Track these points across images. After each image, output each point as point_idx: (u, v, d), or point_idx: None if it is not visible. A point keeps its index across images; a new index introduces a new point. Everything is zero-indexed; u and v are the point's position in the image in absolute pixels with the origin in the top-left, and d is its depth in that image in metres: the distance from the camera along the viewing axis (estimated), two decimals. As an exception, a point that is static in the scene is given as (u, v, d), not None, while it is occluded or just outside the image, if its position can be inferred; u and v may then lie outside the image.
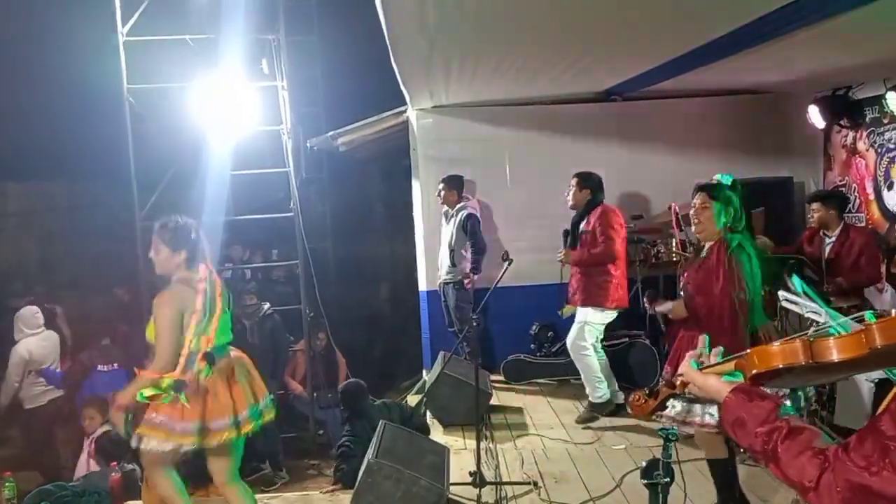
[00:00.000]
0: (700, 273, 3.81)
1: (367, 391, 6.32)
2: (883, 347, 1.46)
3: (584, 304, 5.79)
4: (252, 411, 3.69)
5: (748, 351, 1.71)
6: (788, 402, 3.56)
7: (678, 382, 1.93)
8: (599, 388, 5.84)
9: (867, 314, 1.55)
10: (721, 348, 1.88)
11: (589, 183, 5.86)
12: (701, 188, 3.86)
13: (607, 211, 5.80)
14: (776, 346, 1.64)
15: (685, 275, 3.96)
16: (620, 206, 7.27)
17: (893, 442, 1.37)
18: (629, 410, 3.78)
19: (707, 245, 3.86)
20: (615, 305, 5.75)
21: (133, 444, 3.56)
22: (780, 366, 1.62)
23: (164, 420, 3.49)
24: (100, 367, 6.95)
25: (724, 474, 3.86)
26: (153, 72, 7.59)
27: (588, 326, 5.78)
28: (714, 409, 3.57)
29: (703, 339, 1.94)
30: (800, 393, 3.60)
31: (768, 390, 1.72)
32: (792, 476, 1.52)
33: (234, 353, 3.85)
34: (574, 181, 5.91)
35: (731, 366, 1.76)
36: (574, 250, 5.82)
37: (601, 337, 5.91)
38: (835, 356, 1.54)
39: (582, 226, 5.83)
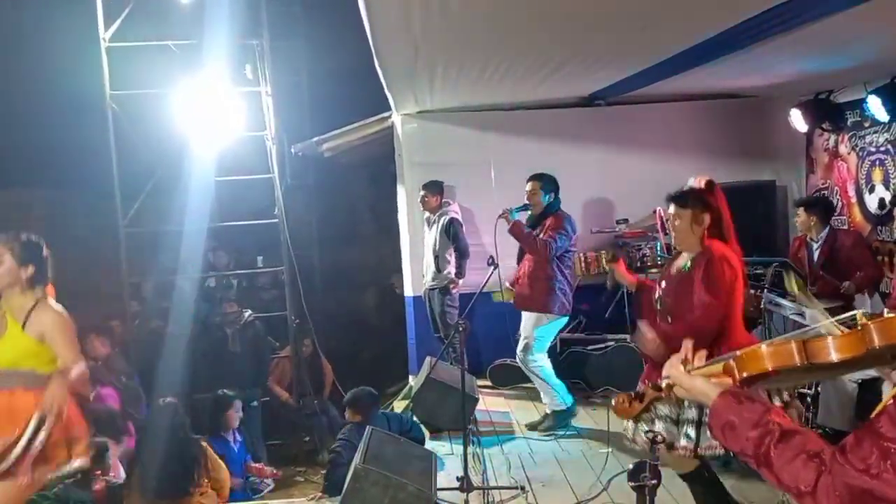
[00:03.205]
0: (680, 287, 3.60)
1: (379, 401, 6.25)
2: (881, 347, 1.43)
3: (529, 309, 5.70)
4: None
5: (737, 353, 1.67)
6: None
7: (664, 385, 1.89)
8: (557, 396, 5.73)
9: (858, 312, 1.53)
10: (705, 351, 1.84)
11: (550, 186, 5.74)
12: (670, 198, 3.66)
13: (563, 216, 5.69)
14: (767, 347, 1.60)
15: (662, 285, 3.72)
16: (605, 209, 7.34)
17: (894, 444, 1.34)
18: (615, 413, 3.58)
19: (688, 255, 3.62)
20: (560, 312, 5.65)
21: None
22: (775, 368, 1.58)
23: None
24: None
25: (706, 483, 3.64)
26: (136, 77, 7.55)
27: (536, 342, 5.66)
28: (691, 431, 3.41)
29: (686, 342, 1.89)
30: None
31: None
32: (786, 481, 1.48)
33: None
34: (535, 184, 5.74)
35: (718, 368, 1.73)
36: (517, 221, 5.65)
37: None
38: (833, 357, 1.50)
39: (537, 230, 5.69)
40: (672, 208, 3.61)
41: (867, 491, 1.35)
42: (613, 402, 2.42)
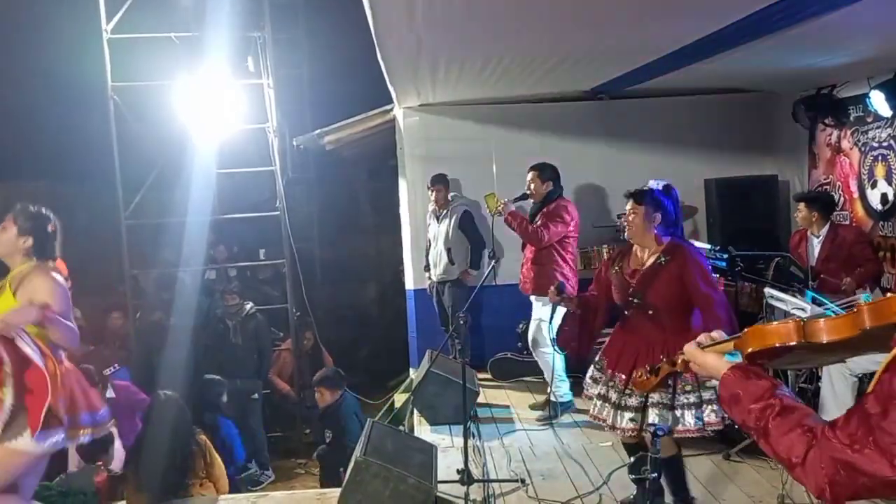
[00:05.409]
0: (656, 280, 3.69)
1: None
2: (872, 328, 1.51)
3: (533, 293, 5.85)
4: None
5: (745, 330, 1.77)
6: None
7: (679, 360, 2.01)
8: (561, 387, 5.85)
9: (863, 297, 1.61)
10: (721, 332, 1.94)
11: (548, 174, 5.86)
12: (628, 194, 3.86)
13: (561, 204, 5.82)
14: (771, 325, 1.71)
15: (631, 279, 3.77)
16: (606, 204, 7.33)
17: (876, 420, 1.42)
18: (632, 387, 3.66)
19: (650, 250, 3.78)
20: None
21: None
22: (775, 345, 1.67)
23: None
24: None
25: (676, 471, 3.83)
26: (138, 69, 7.54)
27: (543, 323, 5.70)
28: (661, 412, 3.57)
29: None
30: None
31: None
32: (781, 452, 1.57)
33: None
34: (533, 174, 5.88)
35: (730, 345, 1.83)
36: (512, 211, 5.79)
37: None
38: (824, 337, 1.59)
39: (538, 217, 5.82)
40: (629, 204, 3.82)
41: (849, 464, 1.43)
42: (632, 376, 2.50)
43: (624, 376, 3.66)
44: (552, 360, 5.72)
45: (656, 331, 3.68)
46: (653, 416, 3.59)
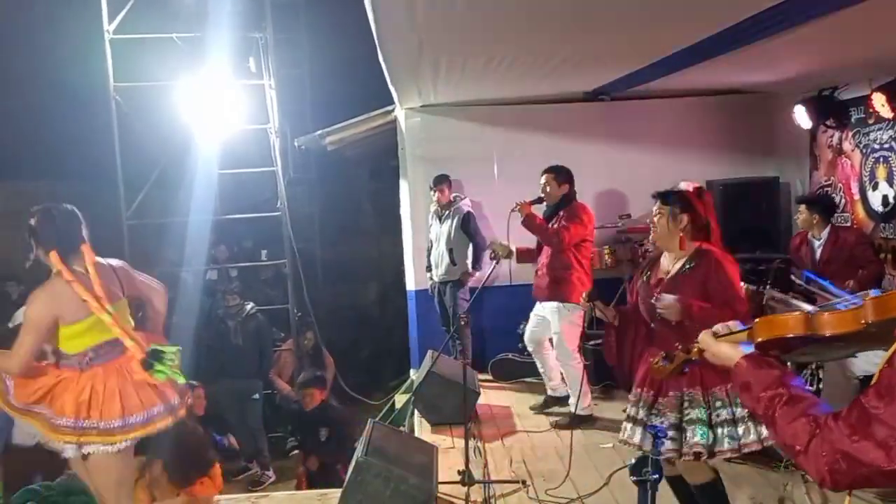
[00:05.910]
0: (684, 287, 3.41)
1: None
2: (874, 323, 1.56)
3: (550, 299, 5.72)
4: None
5: (757, 320, 1.83)
6: None
7: (694, 349, 2.06)
8: (584, 399, 5.70)
9: (872, 292, 1.64)
10: (738, 322, 1.97)
11: (564, 177, 5.77)
12: (656, 194, 3.63)
13: (579, 206, 5.72)
14: (781, 316, 1.76)
15: (656, 288, 3.50)
16: (608, 205, 7.33)
17: (875, 412, 1.48)
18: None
19: (676, 256, 3.52)
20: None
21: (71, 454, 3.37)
22: (783, 335, 1.73)
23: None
24: None
25: (716, 497, 3.51)
26: (140, 70, 7.55)
27: (566, 330, 5.64)
28: (700, 428, 3.32)
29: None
30: None
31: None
32: (786, 440, 1.64)
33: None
34: (549, 176, 5.76)
35: (743, 336, 1.88)
36: (530, 212, 5.66)
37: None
38: (828, 330, 1.65)
39: (553, 220, 5.72)
40: (656, 205, 3.61)
41: (848, 454, 1.49)
42: (650, 362, 2.64)
43: (654, 393, 3.43)
44: (576, 372, 5.62)
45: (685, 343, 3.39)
46: (690, 433, 3.33)
